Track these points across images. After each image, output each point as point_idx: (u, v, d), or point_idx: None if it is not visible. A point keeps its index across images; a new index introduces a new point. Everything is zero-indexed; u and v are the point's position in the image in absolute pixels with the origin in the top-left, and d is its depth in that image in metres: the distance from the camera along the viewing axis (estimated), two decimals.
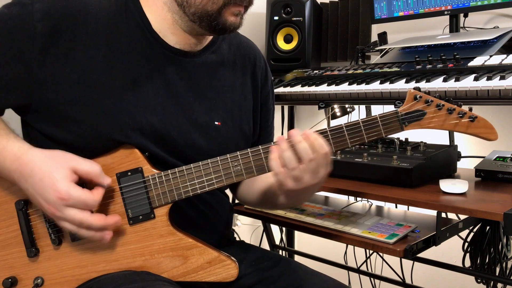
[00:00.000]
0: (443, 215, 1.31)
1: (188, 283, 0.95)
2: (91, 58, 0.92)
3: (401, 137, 1.37)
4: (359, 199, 1.61)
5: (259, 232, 2.20)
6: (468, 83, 1.17)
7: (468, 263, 1.40)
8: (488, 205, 1.03)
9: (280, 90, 1.60)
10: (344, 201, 1.52)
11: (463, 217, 1.28)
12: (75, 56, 0.91)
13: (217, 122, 1.04)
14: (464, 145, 1.69)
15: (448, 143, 1.63)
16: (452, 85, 1.19)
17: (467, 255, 1.40)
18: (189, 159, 0.96)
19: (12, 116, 0.98)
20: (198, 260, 0.94)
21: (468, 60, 1.32)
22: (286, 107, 2.17)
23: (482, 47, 1.42)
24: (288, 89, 1.58)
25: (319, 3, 1.98)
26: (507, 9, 1.61)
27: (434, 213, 1.13)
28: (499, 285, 1.43)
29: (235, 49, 1.12)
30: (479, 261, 1.37)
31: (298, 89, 1.54)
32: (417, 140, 1.38)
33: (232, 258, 0.96)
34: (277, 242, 2.10)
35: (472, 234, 1.39)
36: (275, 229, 2.08)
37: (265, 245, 2.03)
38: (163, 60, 0.98)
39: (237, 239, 1.26)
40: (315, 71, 1.67)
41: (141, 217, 0.94)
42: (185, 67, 1.01)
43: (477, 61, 1.29)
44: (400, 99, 1.27)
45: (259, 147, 0.93)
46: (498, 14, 1.67)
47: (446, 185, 1.15)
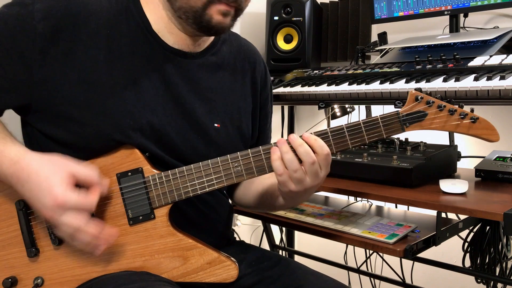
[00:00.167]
0: (443, 215, 1.31)
1: (188, 283, 0.95)
2: (91, 58, 0.92)
3: (401, 137, 1.37)
4: (359, 199, 1.61)
5: (259, 232, 2.20)
6: (468, 83, 1.17)
7: (468, 263, 1.40)
8: (488, 205, 1.03)
9: (280, 90, 1.60)
10: (344, 201, 1.52)
11: (463, 217, 1.28)
12: (75, 56, 0.91)
13: (216, 124, 1.04)
14: (464, 145, 1.69)
15: (448, 143, 1.63)
16: (452, 85, 1.19)
17: (467, 255, 1.40)
18: (188, 160, 0.96)
19: (12, 117, 0.97)
20: (198, 260, 0.94)
21: (468, 60, 1.32)
22: (286, 107, 2.17)
23: (482, 47, 1.42)
24: (288, 89, 1.58)
25: (319, 3, 1.98)
26: (507, 9, 1.61)
27: (434, 213, 1.13)
28: (499, 285, 1.43)
29: (235, 52, 1.12)
30: (479, 261, 1.37)
31: (298, 89, 1.54)
32: (417, 140, 1.38)
33: (232, 259, 0.96)
34: (277, 242, 2.10)
35: (472, 234, 1.39)
36: (275, 229, 2.08)
37: (265, 245, 2.03)
38: (163, 60, 0.98)
39: (237, 239, 1.26)
40: (315, 71, 1.67)
41: (141, 217, 0.94)
42: (184, 68, 1.01)
43: (477, 61, 1.29)
44: (400, 99, 1.27)
45: (260, 148, 0.93)
46: (498, 14, 1.67)
47: (446, 185, 1.15)
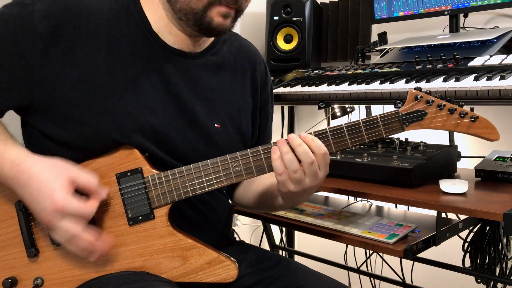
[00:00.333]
0: (443, 215, 1.31)
1: (188, 283, 0.95)
2: (91, 58, 0.92)
3: (401, 137, 1.37)
4: (359, 199, 1.61)
5: (259, 232, 2.19)
6: (468, 83, 1.17)
7: (468, 263, 1.40)
8: (488, 205, 1.03)
9: (280, 90, 1.60)
10: (344, 201, 1.52)
11: (463, 217, 1.28)
12: (75, 56, 0.91)
13: (216, 125, 1.04)
14: (464, 145, 1.69)
15: (448, 143, 1.63)
16: (452, 85, 1.19)
17: (467, 255, 1.40)
18: (188, 160, 0.96)
19: (12, 117, 0.97)
20: (197, 260, 0.94)
21: (468, 60, 1.32)
22: (286, 107, 2.17)
23: (482, 47, 1.42)
24: (288, 89, 1.58)
25: (319, 3, 1.98)
26: (507, 9, 1.61)
27: (434, 213, 1.13)
28: (499, 285, 1.43)
29: (235, 52, 1.12)
30: (479, 261, 1.37)
31: (298, 89, 1.54)
32: (417, 140, 1.38)
33: (232, 259, 0.96)
34: (277, 242, 2.10)
35: (472, 234, 1.39)
36: (275, 229, 2.08)
37: (265, 245, 2.03)
38: (163, 60, 0.98)
39: (237, 239, 1.26)
40: (315, 71, 1.67)
41: (140, 217, 0.94)
42: (184, 68, 1.01)
43: (477, 61, 1.29)
44: (400, 99, 1.27)
45: (259, 148, 0.93)
46: (498, 14, 1.67)
47: (446, 185, 1.15)
